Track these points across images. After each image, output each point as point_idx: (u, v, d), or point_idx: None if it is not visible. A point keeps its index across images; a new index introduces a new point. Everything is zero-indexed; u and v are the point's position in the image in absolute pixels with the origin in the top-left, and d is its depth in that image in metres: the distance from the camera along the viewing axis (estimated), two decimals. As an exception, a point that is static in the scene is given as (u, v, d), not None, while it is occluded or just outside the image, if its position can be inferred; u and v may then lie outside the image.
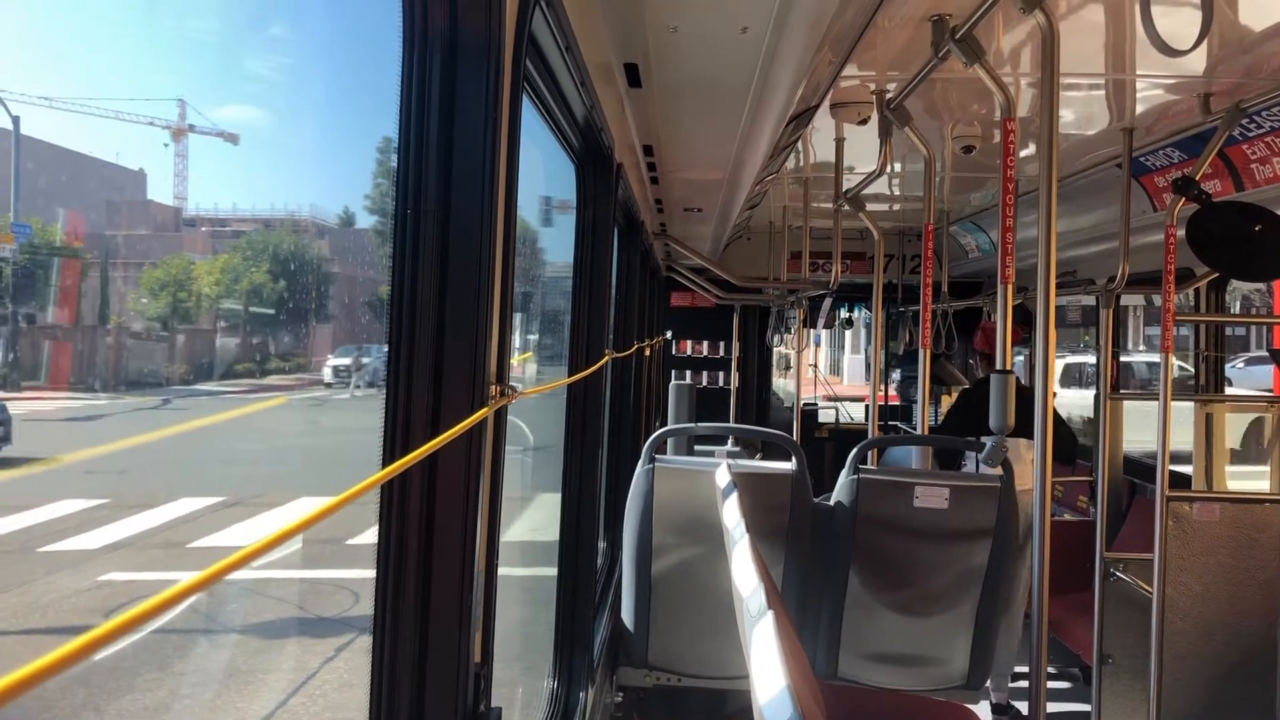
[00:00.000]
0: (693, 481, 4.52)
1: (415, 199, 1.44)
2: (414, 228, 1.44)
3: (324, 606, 5.72)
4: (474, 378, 1.49)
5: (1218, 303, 6.42)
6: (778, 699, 1.69)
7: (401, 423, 1.44)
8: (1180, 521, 4.58)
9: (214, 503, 5.68)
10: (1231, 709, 4.46)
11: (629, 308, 5.54)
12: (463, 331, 1.48)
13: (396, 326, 1.44)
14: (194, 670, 4.95)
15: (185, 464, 5.64)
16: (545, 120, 2.70)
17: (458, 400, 1.47)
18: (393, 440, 1.43)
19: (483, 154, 1.47)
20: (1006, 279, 3.68)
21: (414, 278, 1.44)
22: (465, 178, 1.47)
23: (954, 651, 4.58)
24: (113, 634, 0.67)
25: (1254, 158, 4.67)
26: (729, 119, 3.86)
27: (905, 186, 7.82)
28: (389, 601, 1.44)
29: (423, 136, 1.45)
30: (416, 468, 1.44)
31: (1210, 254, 4.46)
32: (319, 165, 5.20)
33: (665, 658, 4.69)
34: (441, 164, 1.46)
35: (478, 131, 1.47)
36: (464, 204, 1.47)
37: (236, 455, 5.90)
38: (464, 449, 1.49)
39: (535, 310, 5.33)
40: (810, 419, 11.14)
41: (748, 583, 2.37)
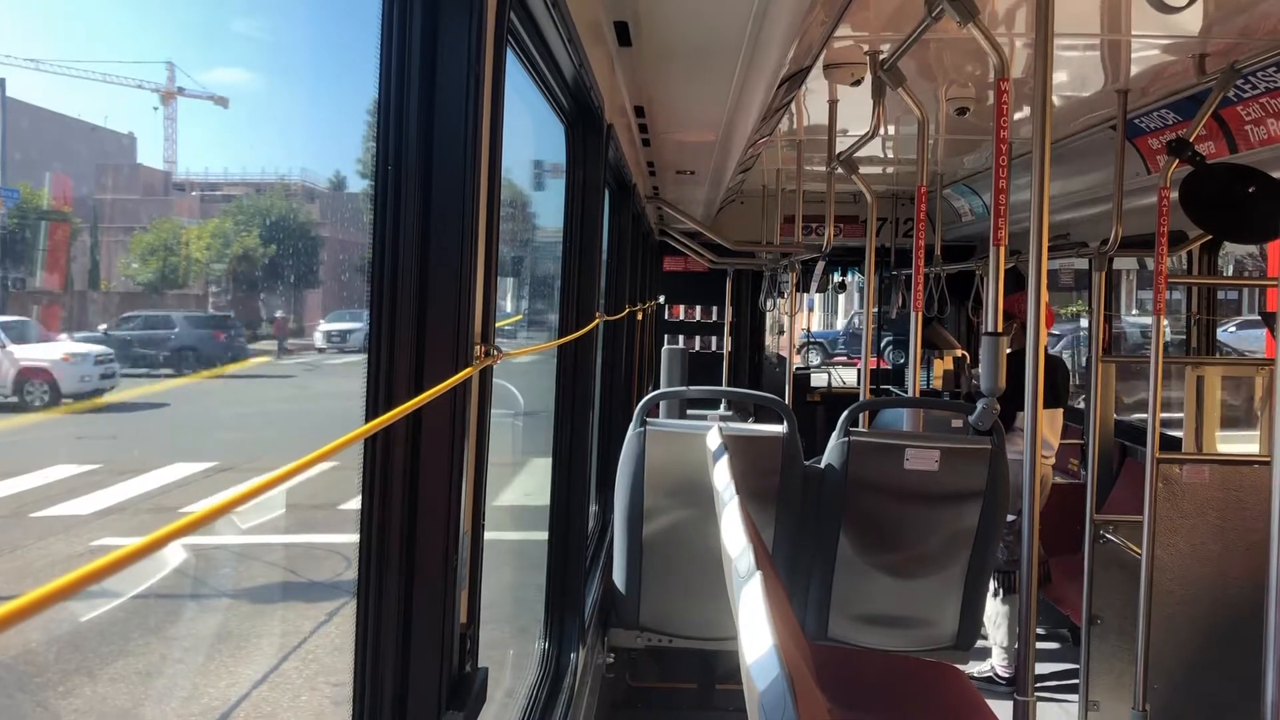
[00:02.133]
0: (684, 444, 4.52)
1: (396, 155, 1.42)
2: (395, 184, 1.42)
3: (316, 571, 5.71)
4: (458, 337, 1.48)
5: (1210, 265, 6.41)
6: (765, 658, 1.69)
7: (384, 381, 1.42)
8: (1170, 484, 4.60)
9: (207, 468, 5.64)
10: (1218, 669, 4.50)
11: (620, 271, 5.52)
12: (446, 290, 1.46)
13: (378, 285, 1.43)
14: (186, 635, 4.95)
15: (178, 429, 5.60)
16: (533, 78, 2.67)
17: (441, 359, 1.46)
18: (375, 398, 1.42)
19: (465, 109, 1.45)
20: (999, 241, 3.66)
21: (395, 235, 1.42)
22: (447, 133, 1.45)
23: (944, 613, 4.61)
24: (97, 574, 0.66)
25: (1248, 119, 4.65)
26: (720, 80, 3.82)
27: (899, 149, 7.78)
28: (373, 561, 1.43)
29: (403, 91, 1.42)
30: (400, 426, 1.43)
31: (1203, 216, 4.45)
32: (309, 128, 5.15)
33: (656, 619, 4.71)
34: (423, 119, 1.44)
35: (460, 85, 1.44)
36: (446, 160, 1.45)
37: (229, 420, 5.85)
38: (448, 408, 1.48)
39: (528, 274, 5.30)
40: (803, 383, 11.15)
41: (736, 544, 2.37)
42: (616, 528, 4.66)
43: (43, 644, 4.38)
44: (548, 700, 3.28)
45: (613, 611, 4.76)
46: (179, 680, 4.71)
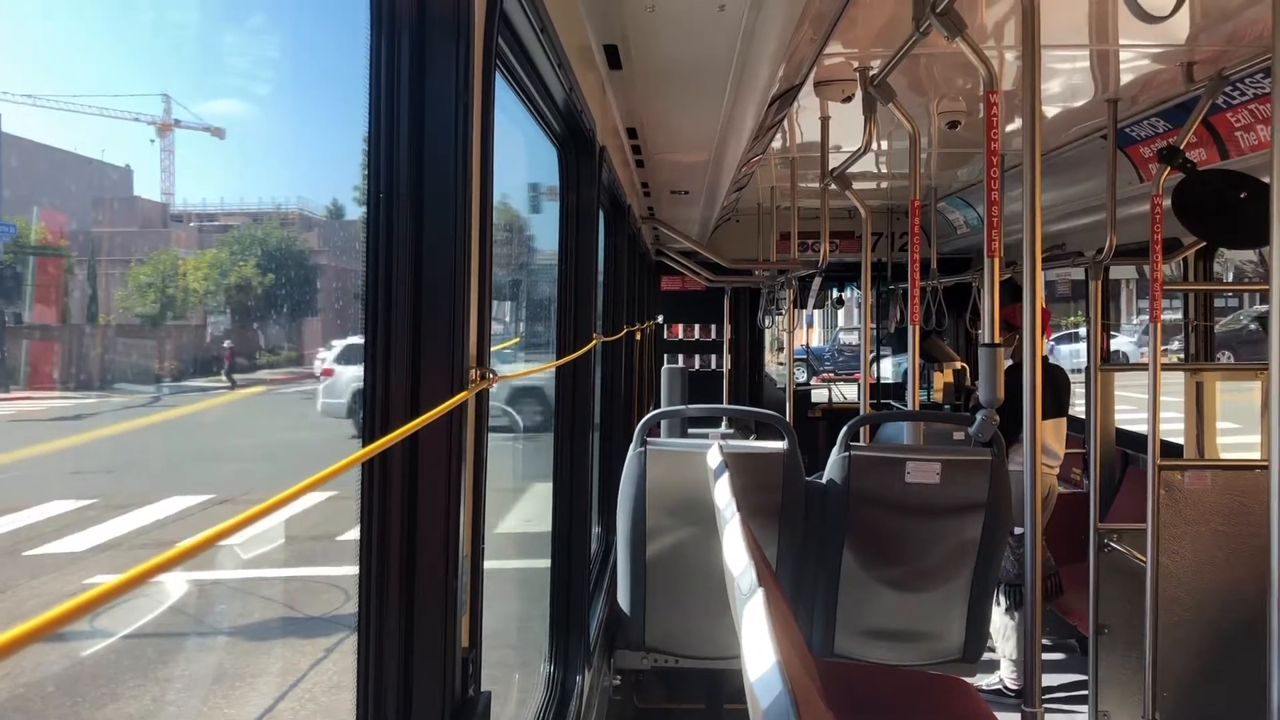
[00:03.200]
0: (685, 463, 4.52)
1: (387, 182, 1.43)
2: (387, 211, 1.43)
3: (314, 605, 5.61)
4: (453, 361, 1.48)
5: (1205, 272, 6.42)
6: (768, 676, 1.69)
7: (380, 407, 1.43)
8: (1172, 491, 4.59)
9: (203, 500, 5.56)
10: (1227, 675, 4.48)
11: (617, 292, 5.53)
12: (440, 316, 1.47)
13: (372, 311, 1.43)
14: (180, 676, 4.85)
15: (174, 462, 5.52)
16: (524, 102, 2.69)
17: (437, 384, 1.46)
18: (372, 423, 1.43)
19: (455, 136, 1.46)
20: (993, 253, 3.68)
21: (388, 262, 1.43)
22: (438, 160, 1.46)
23: (949, 625, 4.59)
24: (92, 603, 0.66)
25: (1238, 125, 4.67)
26: (711, 99, 3.84)
27: (892, 164, 7.81)
28: (373, 586, 1.43)
29: (393, 119, 1.43)
30: (397, 451, 1.44)
31: (1196, 223, 4.46)
32: (306, 157, 5.15)
33: (662, 640, 4.69)
34: (413, 147, 1.45)
35: (449, 113, 1.45)
36: (437, 187, 1.46)
37: (225, 452, 5.73)
38: (444, 432, 1.49)
39: (527, 296, 5.31)
40: (803, 399, 11.15)
41: (738, 561, 2.36)
42: (619, 548, 4.66)
43: (33, 686, 4.31)
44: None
45: (618, 633, 4.75)
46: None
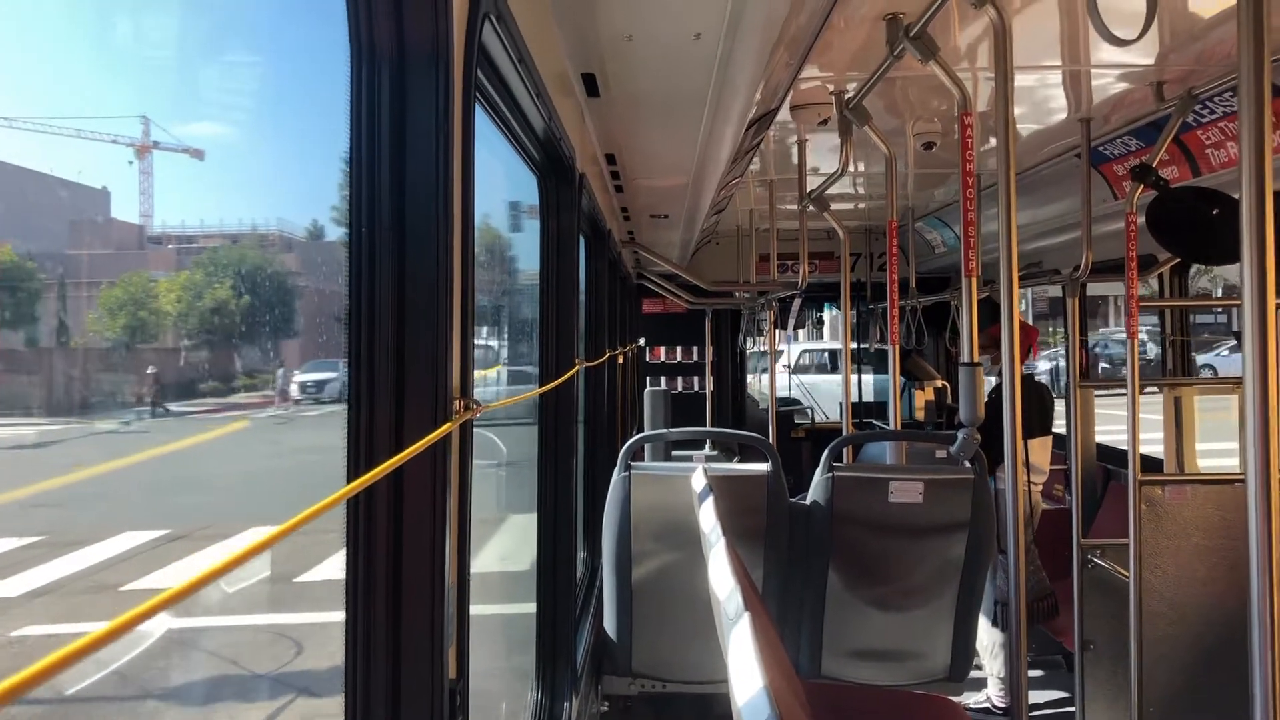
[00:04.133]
0: (669, 487, 4.52)
1: (369, 215, 1.44)
2: (369, 244, 1.44)
3: (259, 661, 5.07)
4: (436, 393, 1.49)
5: (1181, 287, 6.49)
6: (755, 700, 1.69)
7: (365, 440, 1.43)
8: (1153, 505, 4.62)
9: (157, 537, 5.08)
10: (1210, 689, 4.50)
11: (599, 316, 5.54)
12: (423, 348, 1.48)
13: (355, 344, 1.44)
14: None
15: (132, 494, 4.97)
16: (503, 132, 2.70)
17: (421, 416, 1.47)
18: (356, 457, 1.43)
19: (435, 167, 1.47)
20: (970, 272, 3.71)
21: (371, 294, 1.44)
22: (419, 192, 1.47)
23: (935, 645, 4.60)
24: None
25: (1209, 143, 4.73)
26: (689, 125, 3.87)
27: (869, 185, 7.87)
28: (359, 618, 1.43)
29: (374, 152, 1.44)
30: (382, 484, 1.44)
31: (1170, 239, 4.52)
32: (286, 178, 5.10)
33: (649, 665, 4.68)
34: (394, 179, 1.46)
35: (429, 145, 1.46)
36: (419, 218, 1.47)
37: (188, 482, 5.04)
38: (429, 464, 1.49)
39: (510, 323, 5.30)
40: (786, 420, 11.17)
41: (724, 586, 2.37)
42: (605, 574, 4.65)
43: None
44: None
45: (605, 659, 4.73)
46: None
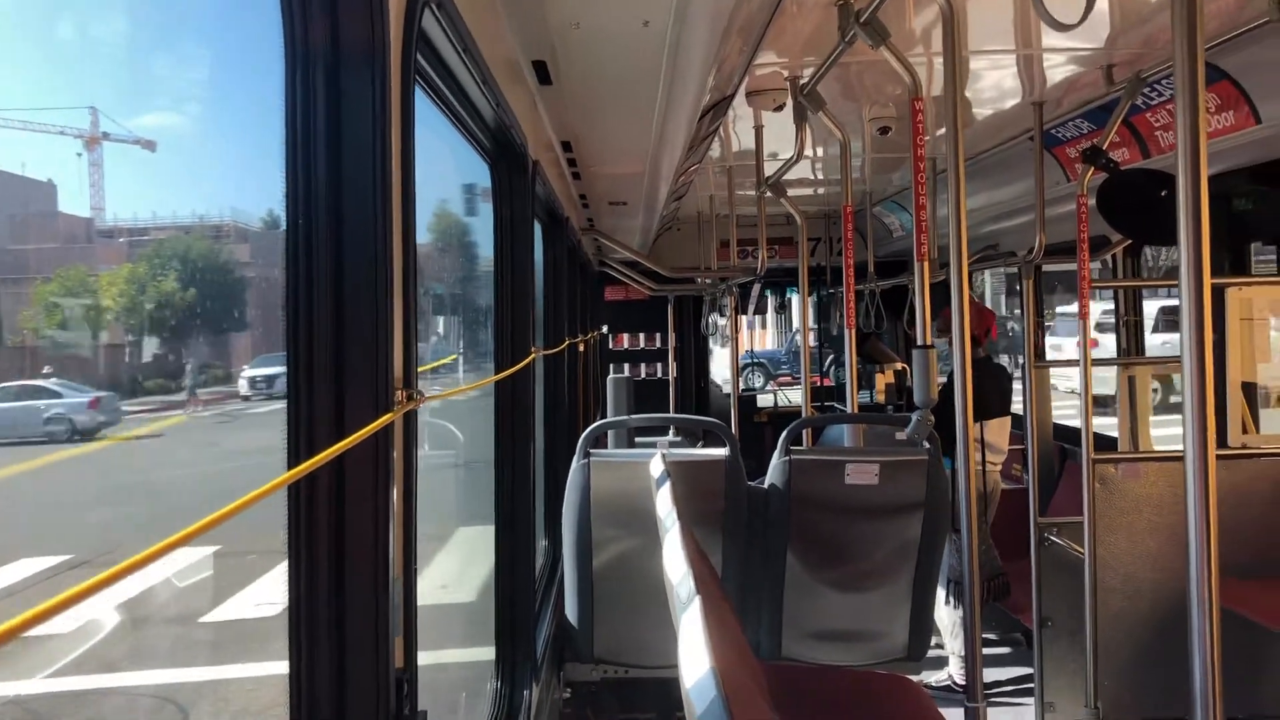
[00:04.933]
0: (629, 474, 4.54)
1: (305, 208, 1.44)
2: (305, 237, 1.44)
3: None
4: (377, 384, 1.49)
5: (1133, 268, 6.57)
6: (702, 682, 1.71)
7: (305, 431, 1.43)
8: (1106, 483, 4.69)
9: (55, 564, 4.05)
10: (1163, 660, 4.59)
11: (558, 304, 5.54)
12: (362, 339, 1.48)
13: (293, 336, 1.44)
14: None
15: (43, 510, 4.11)
16: (451, 120, 2.70)
17: (361, 406, 1.47)
18: (296, 446, 1.43)
19: (373, 157, 1.47)
20: (923, 256, 3.75)
21: (308, 287, 1.44)
22: (356, 182, 1.47)
23: (894, 625, 4.65)
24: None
25: (1157, 125, 4.80)
26: (643, 112, 3.87)
27: (826, 170, 7.90)
28: (303, 608, 1.44)
29: (309, 143, 1.44)
30: (323, 474, 1.44)
31: (1120, 221, 4.58)
32: (240, 169, 5.00)
33: (612, 651, 4.71)
34: (330, 170, 1.45)
35: (365, 135, 1.46)
36: (356, 209, 1.47)
37: (109, 494, 4.12)
38: (371, 454, 1.49)
39: (467, 312, 5.29)
40: (748, 404, 11.21)
41: (677, 570, 2.39)
42: (566, 561, 4.66)
43: None
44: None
45: (567, 646, 4.75)
46: None
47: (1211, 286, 2.44)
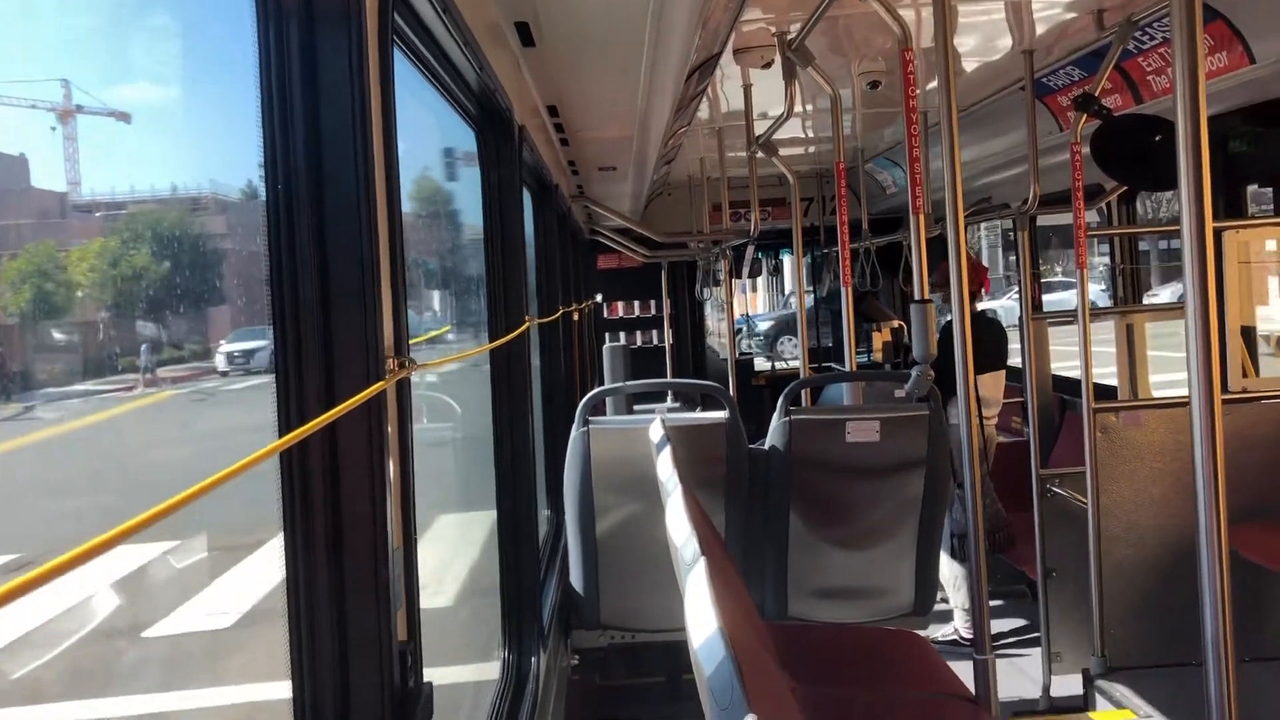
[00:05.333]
0: (629, 440, 4.52)
1: (285, 175, 1.40)
2: (286, 204, 1.40)
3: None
4: (367, 352, 1.46)
5: (1129, 216, 6.53)
6: (710, 642, 1.70)
7: (295, 399, 1.40)
8: (1108, 432, 4.68)
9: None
10: (1168, 608, 4.59)
11: (550, 273, 5.50)
12: (349, 307, 1.45)
13: (278, 305, 1.40)
14: None
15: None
16: (434, 85, 2.65)
17: (352, 375, 1.44)
18: (286, 415, 1.40)
19: (352, 123, 1.43)
20: (917, 210, 3.71)
21: (291, 255, 1.40)
22: (336, 149, 1.43)
23: (899, 580, 4.66)
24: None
25: (1149, 69, 4.74)
26: (628, 74, 3.82)
27: (818, 128, 7.84)
28: (301, 579, 1.41)
29: (286, 110, 1.40)
30: (316, 444, 1.41)
31: (1114, 168, 4.54)
32: (219, 138, 4.81)
33: (618, 617, 4.71)
34: (309, 137, 1.41)
35: (344, 94, 1.42)
36: (338, 174, 1.43)
37: (73, 481, 3.07)
38: (364, 423, 1.46)
39: (459, 283, 5.23)
40: (746, 368, 11.19)
41: (681, 533, 2.37)
42: (569, 529, 4.65)
43: None
44: (511, 708, 3.26)
45: (573, 614, 4.75)
46: None
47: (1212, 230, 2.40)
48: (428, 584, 2.07)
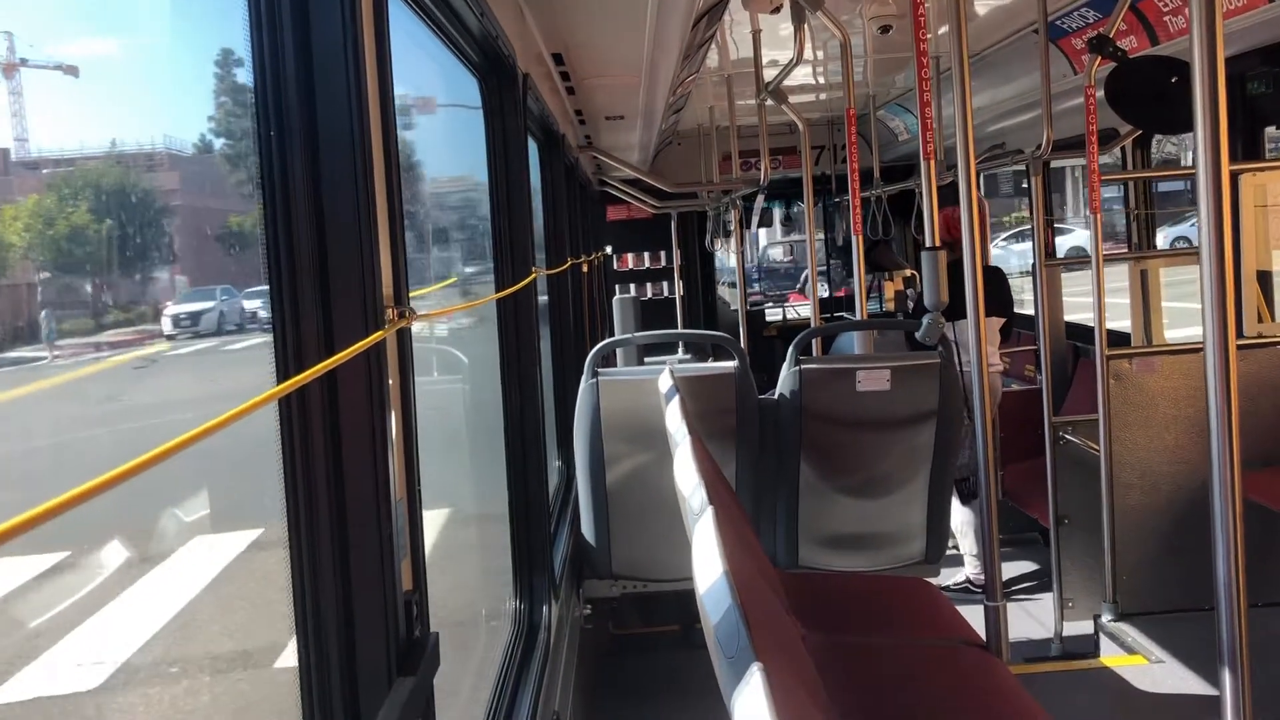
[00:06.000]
0: (639, 391, 4.51)
1: (277, 118, 1.37)
2: (279, 149, 1.37)
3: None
4: (365, 301, 1.44)
5: (1144, 160, 6.44)
6: (716, 590, 1.69)
7: (293, 348, 1.38)
8: (1121, 379, 4.65)
9: None
10: (1181, 554, 4.59)
11: (558, 224, 5.47)
12: (347, 255, 1.42)
13: (274, 254, 1.38)
14: None
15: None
16: (435, 31, 2.60)
17: (350, 325, 1.42)
18: (285, 363, 1.39)
19: (346, 64, 1.40)
20: (929, 156, 3.67)
21: (285, 203, 1.38)
22: (329, 91, 1.40)
23: (910, 529, 4.66)
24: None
25: (1165, 9, 4.65)
26: (634, 19, 3.76)
27: (828, 74, 7.74)
28: (303, 531, 1.40)
29: (276, 51, 1.37)
30: (315, 394, 1.40)
31: (1129, 111, 4.47)
32: (170, 90, 4.64)
33: (629, 566, 4.73)
34: (301, 79, 1.38)
35: (336, 37, 1.39)
36: (332, 121, 1.40)
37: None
38: (363, 373, 1.45)
39: (466, 233, 5.20)
40: (757, 319, 11.15)
41: (689, 483, 2.36)
42: (579, 480, 4.66)
43: None
44: (524, 657, 3.28)
45: (585, 564, 4.78)
46: None
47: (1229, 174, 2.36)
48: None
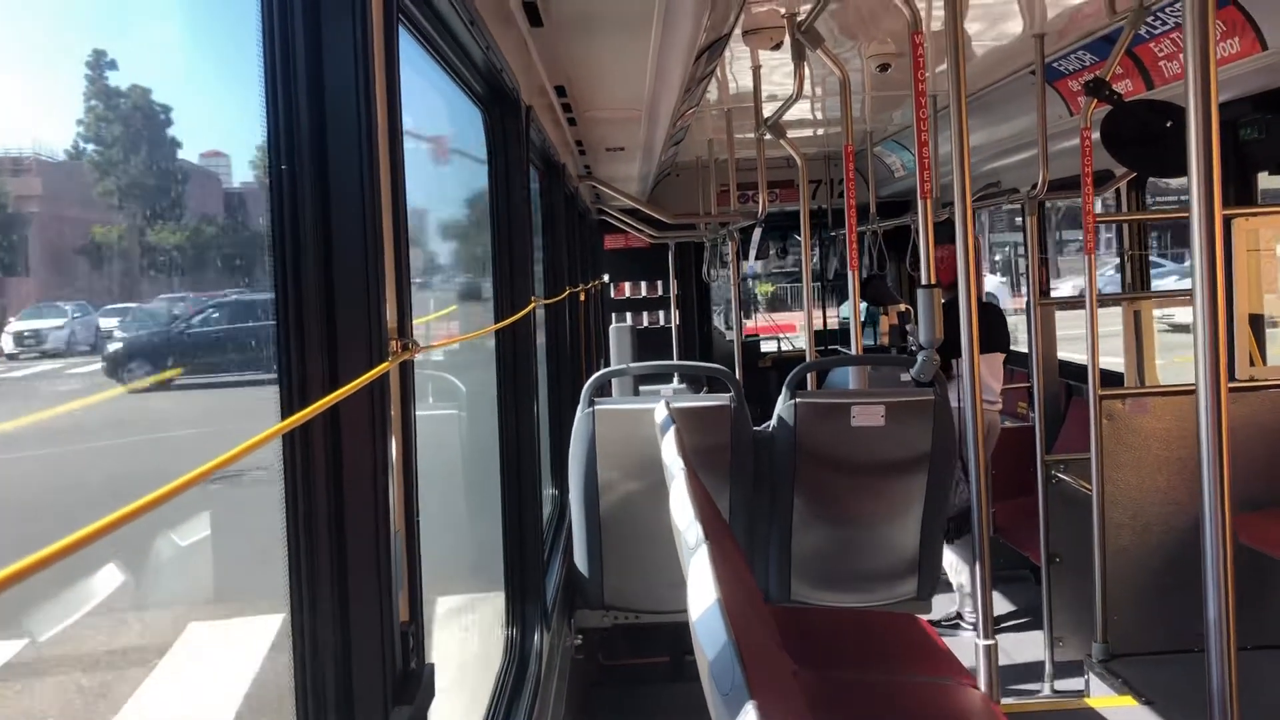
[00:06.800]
0: (634, 422, 4.53)
1: (289, 154, 1.40)
2: (290, 184, 1.40)
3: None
4: (370, 333, 1.46)
5: (1138, 202, 6.50)
6: (712, 626, 1.70)
7: (297, 380, 1.40)
8: (1114, 419, 4.68)
9: None
10: (1171, 595, 4.60)
11: (557, 253, 5.49)
12: (353, 288, 1.44)
13: (281, 286, 1.40)
14: None
15: None
16: (440, 64, 2.63)
17: (354, 356, 1.44)
18: (290, 397, 1.40)
19: (357, 101, 1.43)
20: (925, 194, 3.70)
21: (295, 235, 1.40)
22: (340, 128, 1.43)
23: (902, 564, 4.66)
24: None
25: (1161, 55, 4.71)
26: (637, 53, 3.80)
27: (827, 110, 7.81)
28: (302, 562, 1.42)
29: (290, 88, 1.39)
30: (318, 427, 1.42)
31: (1125, 153, 4.51)
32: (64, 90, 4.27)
33: (621, 597, 4.73)
34: (313, 116, 1.41)
35: (348, 74, 1.42)
36: (342, 156, 1.43)
37: None
38: (366, 405, 1.47)
39: (469, 262, 5.22)
40: (753, 350, 11.18)
41: (684, 516, 2.38)
42: (573, 510, 4.67)
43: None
44: (514, 686, 3.28)
45: (577, 593, 4.77)
46: None
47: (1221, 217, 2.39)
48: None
